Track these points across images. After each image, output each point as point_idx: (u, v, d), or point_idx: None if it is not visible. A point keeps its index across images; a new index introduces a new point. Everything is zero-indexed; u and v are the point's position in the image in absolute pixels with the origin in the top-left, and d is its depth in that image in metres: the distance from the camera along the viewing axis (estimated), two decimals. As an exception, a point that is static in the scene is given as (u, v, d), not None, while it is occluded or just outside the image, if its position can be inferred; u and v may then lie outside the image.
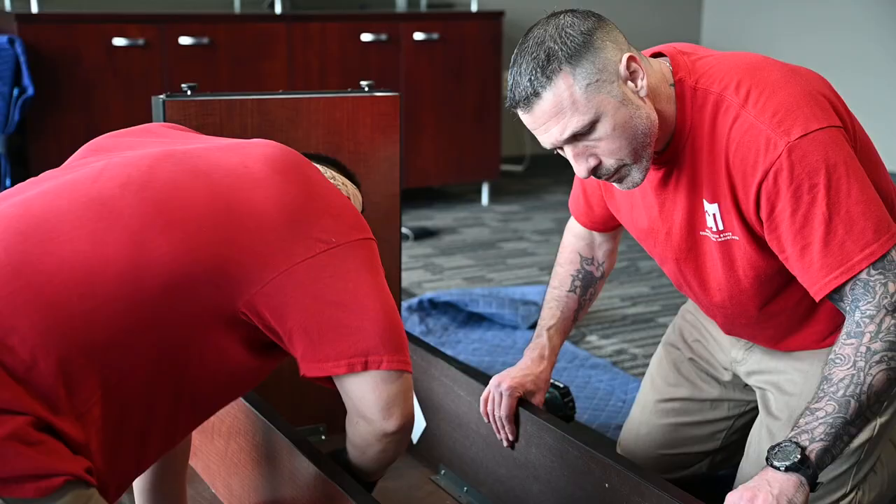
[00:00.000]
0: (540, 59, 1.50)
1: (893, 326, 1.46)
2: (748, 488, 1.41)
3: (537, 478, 1.88)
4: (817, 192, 1.50)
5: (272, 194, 1.43)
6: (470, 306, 3.27)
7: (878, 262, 1.49)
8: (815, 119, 1.52)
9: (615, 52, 1.52)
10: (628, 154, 1.56)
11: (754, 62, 1.61)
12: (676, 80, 1.61)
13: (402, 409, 1.48)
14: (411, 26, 4.82)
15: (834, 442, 1.43)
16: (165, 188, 1.40)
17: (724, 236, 1.66)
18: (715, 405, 2.06)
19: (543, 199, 5.21)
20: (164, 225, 1.37)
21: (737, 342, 1.96)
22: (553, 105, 1.51)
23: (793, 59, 1.78)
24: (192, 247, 1.36)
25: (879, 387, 1.44)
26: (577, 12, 1.55)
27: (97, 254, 1.33)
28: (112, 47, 4.18)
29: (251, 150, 1.51)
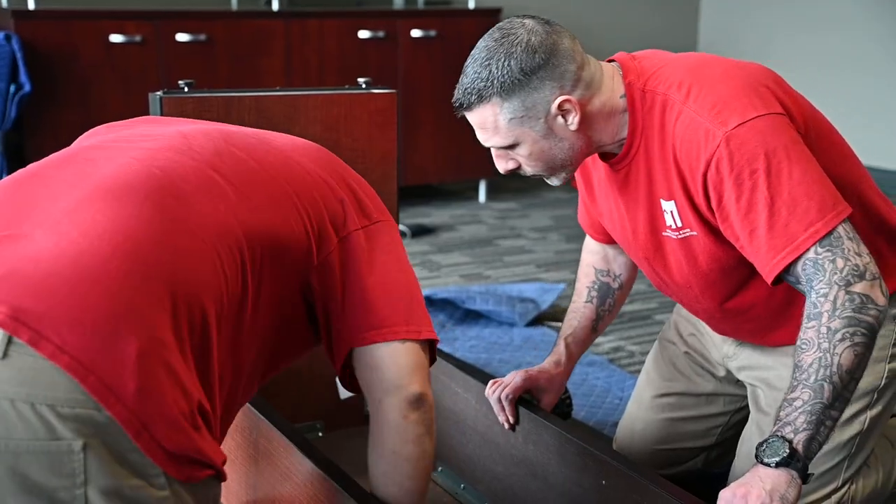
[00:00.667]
0: (480, 77, 1.61)
1: (848, 301, 1.46)
2: (741, 485, 1.41)
3: (535, 475, 1.88)
4: (758, 177, 1.53)
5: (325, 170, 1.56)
6: (467, 303, 3.27)
7: (824, 240, 1.50)
8: (752, 108, 1.56)
9: (552, 91, 1.61)
10: (544, 171, 1.70)
11: (698, 61, 1.67)
12: (626, 84, 1.67)
13: (422, 377, 1.51)
14: (409, 23, 4.81)
15: (817, 429, 1.43)
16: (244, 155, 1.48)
17: (682, 233, 1.70)
18: (710, 400, 2.07)
19: (541, 197, 5.22)
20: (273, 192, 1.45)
21: (726, 337, 1.97)
22: (479, 121, 1.65)
23: (790, 59, 1.81)
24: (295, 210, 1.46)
25: (848, 365, 1.45)
26: (535, 34, 1.61)
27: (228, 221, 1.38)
28: (109, 44, 4.18)
29: (283, 136, 1.62)
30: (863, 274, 1.48)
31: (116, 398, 1.16)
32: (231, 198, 1.39)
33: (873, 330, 1.46)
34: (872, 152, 5.32)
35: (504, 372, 2.80)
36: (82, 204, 1.29)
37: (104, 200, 1.29)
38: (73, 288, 1.18)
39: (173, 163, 1.39)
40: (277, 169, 1.48)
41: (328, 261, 1.48)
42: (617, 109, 1.67)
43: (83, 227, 1.25)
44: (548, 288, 3.47)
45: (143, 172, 1.35)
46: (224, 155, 1.45)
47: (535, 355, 2.96)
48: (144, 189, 1.32)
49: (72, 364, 1.15)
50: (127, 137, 1.48)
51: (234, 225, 1.37)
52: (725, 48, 6.04)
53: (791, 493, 1.40)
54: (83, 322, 1.16)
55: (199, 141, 1.45)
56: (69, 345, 1.15)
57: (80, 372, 1.15)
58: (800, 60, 5.64)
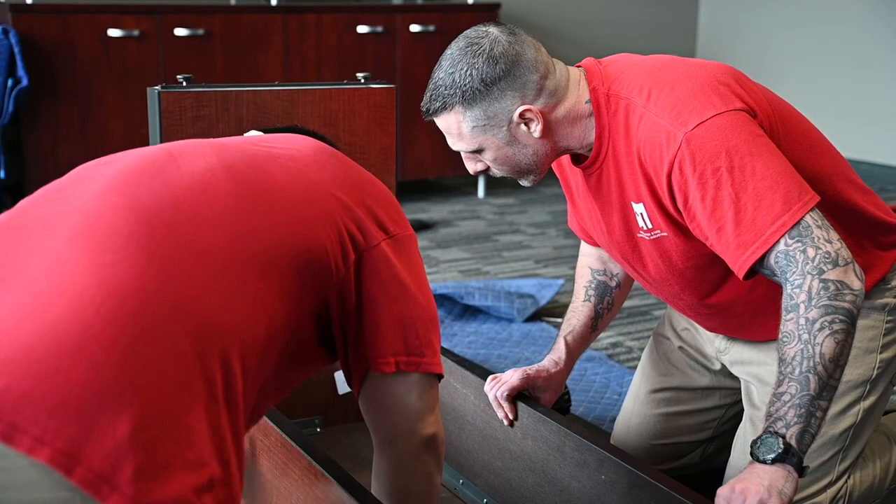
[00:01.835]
0: (444, 85, 1.65)
1: (823, 289, 1.47)
2: (739, 481, 1.41)
3: (533, 470, 1.88)
4: (721, 174, 1.54)
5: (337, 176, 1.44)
6: (465, 299, 3.27)
7: (792, 231, 1.51)
8: (710, 106, 1.57)
9: (513, 101, 1.65)
10: (511, 174, 1.74)
11: (659, 64, 1.70)
12: (591, 89, 1.69)
13: (435, 415, 1.45)
14: (407, 18, 4.81)
15: (808, 421, 1.43)
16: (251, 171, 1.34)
17: (654, 234, 1.72)
18: (706, 394, 2.07)
19: (539, 192, 5.21)
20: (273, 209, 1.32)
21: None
22: (444, 126, 1.70)
23: (790, 55, 1.81)
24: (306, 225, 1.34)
25: (831, 353, 1.45)
26: (498, 43, 1.63)
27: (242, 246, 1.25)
28: (107, 38, 4.17)
29: (295, 141, 1.49)
30: (835, 260, 1.48)
31: (112, 487, 1.00)
32: (232, 216, 1.25)
33: (851, 315, 1.47)
34: (870, 148, 5.32)
35: (503, 367, 2.80)
36: (60, 255, 1.12)
37: (82, 249, 1.13)
38: (51, 365, 1.01)
39: (157, 186, 1.23)
40: (283, 182, 1.34)
41: (346, 279, 1.37)
42: (582, 115, 1.70)
43: (60, 286, 1.08)
44: (546, 283, 3.47)
45: (123, 205, 1.19)
46: (217, 170, 1.29)
47: (534, 351, 2.96)
48: (127, 226, 1.16)
49: (54, 456, 0.99)
50: (105, 165, 1.32)
51: (242, 247, 1.23)
52: (723, 44, 6.04)
53: (788, 488, 1.40)
54: (65, 404, 1.00)
55: (187, 158, 1.30)
56: (50, 434, 0.99)
57: (65, 463, 0.99)
58: (799, 57, 5.64)
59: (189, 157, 1.31)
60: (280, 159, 1.38)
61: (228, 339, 1.16)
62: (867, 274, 1.77)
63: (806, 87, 5.54)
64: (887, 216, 1.83)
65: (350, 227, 1.37)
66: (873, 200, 1.82)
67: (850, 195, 1.77)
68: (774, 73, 5.68)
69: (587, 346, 2.07)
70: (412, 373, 1.40)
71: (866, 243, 1.79)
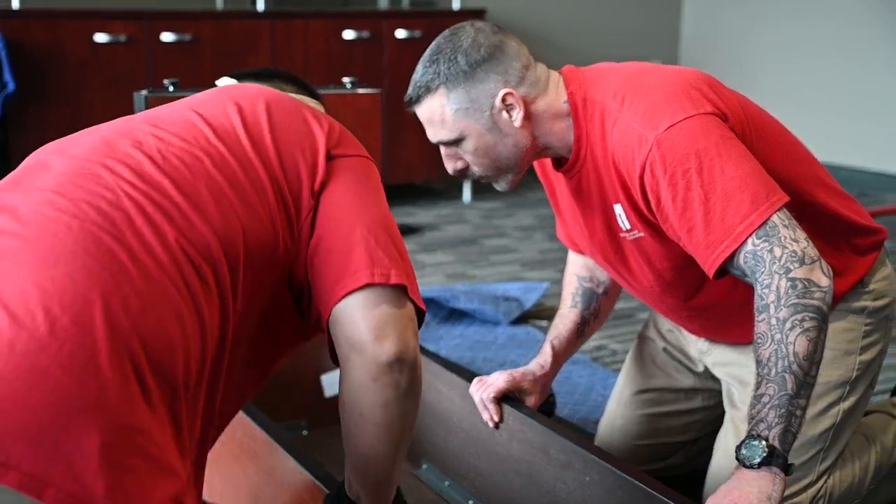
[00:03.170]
0: (428, 72, 1.69)
1: (791, 288, 1.49)
2: (729, 491, 1.43)
3: (518, 472, 1.89)
4: (690, 176, 1.57)
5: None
6: (451, 302, 3.28)
7: (759, 231, 1.53)
8: (681, 110, 1.60)
9: (496, 84, 1.68)
10: (490, 171, 1.75)
11: (635, 70, 1.74)
12: (568, 94, 1.73)
13: (397, 332, 1.25)
14: (394, 24, 4.83)
15: (789, 420, 1.45)
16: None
17: (633, 234, 1.75)
18: (690, 395, 2.09)
19: (525, 196, 5.23)
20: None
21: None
22: (427, 114, 1.72)
23: (772, 63, 1.84)
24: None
25: (804, 351, 1.46)
26: (482, 32, 1.70)
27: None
28: (94, 43, 4.17)
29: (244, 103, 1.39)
30: (801, 259, 1.51)
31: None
32: (180, 210, 1.19)
33: (821, 311, 1.49)
34: (850, 153, 5.35)
35: (488, 370, 2.81)
36: (9, 267, 1.07)
37: (32, 263, 1.08)
38: (9, 389, 0.98)
39: (98, 187, 1.18)
40: (221, 155, 1.27)
41: (300, 240, 1.30)
42: (561, 113, 1.73)
43: (10, 306, 1.03)
44: (532, 287, 3.48)
45: (68, 211, 1.14)
46: (154, 157, 1.23)
47: (520, 354, 2.97)
48: (75, 235, 1.11)
49: (22, 480, 0.96)
50: (43, 160, 1.25)
51: (188, 245, 1.18)
52: (707, 48, 6.07)
53: (777, 491, 1.42)
54: (27, 429, 0.97)
55: (123, 148, 1.24)
56: (16, 457, 0.96)
57: (35, 486, 0.96)
58: (780, 65, 5.67)
59: (125, 145, 1.25)
60: (212, 157, 1.28)
61: (181, 346, 1.13)
62: (844, 276, 1.80)
63: (787, 94, 5.57)
64: (864, 220, 1.85)
65: (292, 188, 1.30)
66: (850, 204, 1.84)
67: (825, 199, 1.79)
68: (756, 80, 5.71)
69: (574, 351, 2.09)
70: (364, 288, 1.25)
71: (843, 246, 1.81)
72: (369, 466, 1.33)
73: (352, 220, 1.31)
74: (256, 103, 1.38)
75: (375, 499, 1.38)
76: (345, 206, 1.32)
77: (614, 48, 5.82)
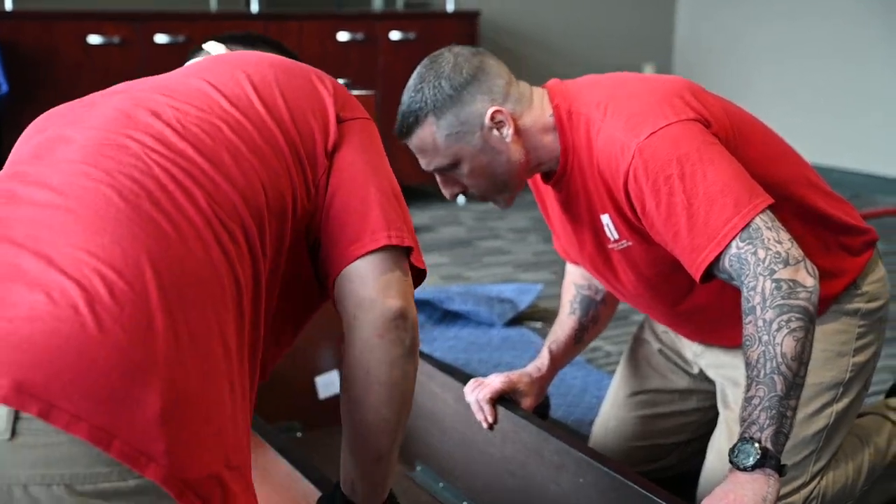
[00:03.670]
0: (415, 101, 1.71)
1: (775, 289, 1.50)
2: (725, 493, 1.43)
3: (513, 473, 1.89)
4: (673, 182, 1.59)
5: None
6: (446, 304, 3.28)
7: (743, 233, 1.55)
8: (663, 117, 1.63)
9: (483, 104, 1.70)
10: (488, 190, 1.78)
11: (618, 80, 1.77)
12: (553, 107, 1.75)
13: (401, 291, 1.30)
14: (388, 25, 4.83)
15: (781, 421, 1.46)
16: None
17: (620, 244, 1.77)
18: (684, 396, 2.10)
19: (520, 198, 5.20)
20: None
21: None
22: (419, 144, 1.74)
23: (766, 66, 1.85)
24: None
25: (792, 352, 1.47)
26: (461, 56, 1.72)
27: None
28: (88, 45, 4.17)
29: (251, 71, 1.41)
30: (785, 260, 1.52)
31: (148, 458, 1.02)
32: (206, 175, 1.22)
33: (807, 312, 1.49)
34: (844, 155, 5.36)
35: (483, 372, 2.81)
36: (57, 239, 1.11)
37: (80, 232, 1.12)
38: (78, 347, 1.03)
39: (128, 157, 1.20)
40: (237, 120, 1.30)
41: (316, 198, 1.34)
42: (548, 126, 1.75)
43: (69, 271, 1.08)
44: (526, 288, 3.49)
45: (103, 182, 1.17)
46: (174, 125, 1.26)
47: (514, 355, 2.97)
48: (115, 204, 1.15)
49: (92, 431, 1.00)
50: (66, 132, 1.28)
51: (219, 208, 1.21)
52: (702, 45, 6.07)
53: (772, 493, 1.43)
54: (97, 383, 1.02)
55: (144, 118, 1.26)
56: (85, 410, 1.00)
57: (103, 438, 1.01)
58: (775, 68, 5.68)
59: (145, 115, 1.27)
60: (228, 123, 1.30)
61: (220, 304, 1.16)
62: (837, 277, 1.81)
63: (782, 95, 5.58)
64: (855, 221, 1.86)
65: (307, 150, 1.33)
66: (839, 205, 1.85)
67: (814, 201, 1.80)
68: (750, 83, 5.72)
69: (572, 356, 2.11)
70: (375, 251, 1.30)
71: (834, 247, 1.82)
72: (370, 437, 1.33)
73: (366, 181, 1.36)
74: (264, 69, 1.41)
75: (371, 482, 1.37)
76: (357, 167, 1.36)
77: (608, 49, 5.83)
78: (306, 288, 1.40)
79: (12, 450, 1.00)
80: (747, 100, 1.85)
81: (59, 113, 1.37)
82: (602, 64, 5.91)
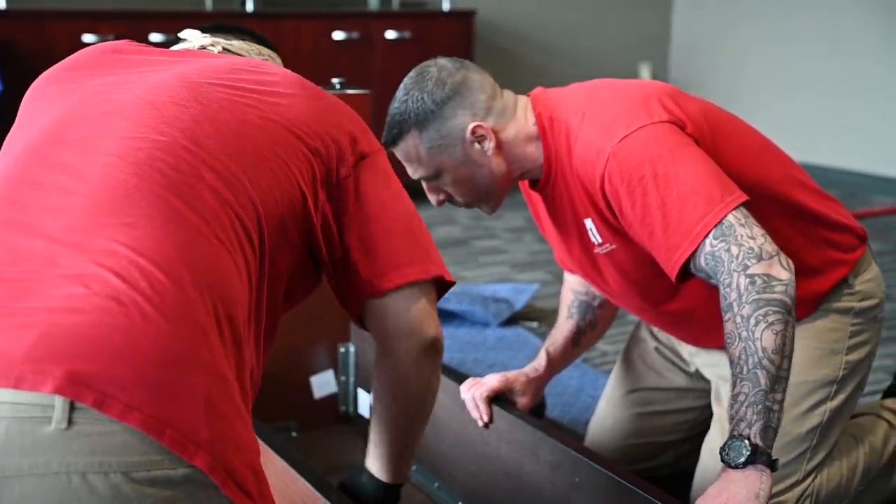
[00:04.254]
0: (399, 112, 1.75)
1: (749, 284, 1.51)
2: (718, 492, 1.43)
3: (508, 473, 1.89)
4: (646, 183, 1.61)
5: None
6: (441, 304, 3.27)
7: (716, 230, 1.56)
8: (636, 120, 1.65)
9: (464, 118, 1.74)
10: (472, 199, 1.82)
11: (597, 87, 1.80)
12: (536, 115, 1.78)
13: (434, 321, 1.45)
14: (384, 24, 4.82)
15: (768, 416, 1.46)
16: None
17: (605, 248, 1.80)
18: (680, 395, 2.10)
19: (515, 198, 5.20)
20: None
21: None
22: (404, 154, 1.78)
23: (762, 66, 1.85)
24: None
25: (772, 345, 1.47)
26: (444, 70, 1.75)
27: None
28: (83, 44, 4.16)
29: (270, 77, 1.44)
30: (759, 255, 1.53)
31: (197, 446, 1.05)
32: (224, 175, 1.24)
33: (784, 304, 1.50)
34: (837, 154, 5.36)
35: (478, 371, 2.81)
36: (90, 230, 1.13)
37: (112, 224, 1.14)
38: (125, 337, 1.05)
39: (158, 151, 1.22)
40: (254, 130, 1.31)
41: (325, 212, 1.38)
42: (531, 136, 1.78)
43: (106, 263, 1.10)
44: (522, 288, 3.49)
45: (133, 171, 1.19)
46: (202, 121, 1.28)
47: (510, 355, 2.97)
48: (146, 197, 1.17)
49: (145, 420, 1.03)
50: (91, 119, 1.29)
51: (238, 206, 1.24)
52: (698, 45, 6.08)
53: (764, 489, 1.43)
54: (146, 372, 1.04)
55: (171, 111, 1.28)
56: (137, 400, 1.03)
57: (156, 427, 1.03)
58: (772, 55, 5.68)
59: (172, 110, 1.29)
60: (253, 105, 1.34)
61: (237, 298, 1.19)
62: (826, 274, 1.82)
63: (777, 96, 5.59)
64: (844, 219, 1.87)
65: (322, 163, 1.36)
66: (828, 203, 1.86)
67: (801, 198, 1.81)
68: (745, 83, 5.73)
69: (570, 359, 2.14)
70: (407, 284, 1.40)
71: (823, 245, 1.83)
72: (401, 434, 1.53)
73: (397, 212, 1.42)
74: (291, 83, 1.44)
75: (398, 464, 1.55)
76: (386, 198, 1.41)
77: (604, 49, 5.83)
78: (304, 282, 1.44)
79: (69, 439, 1.02)
80: (742, 100, 1.84)
81: (68, 79, 1.42)
82: (598, 64, 5.92)
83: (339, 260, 1.40)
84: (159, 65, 1.40)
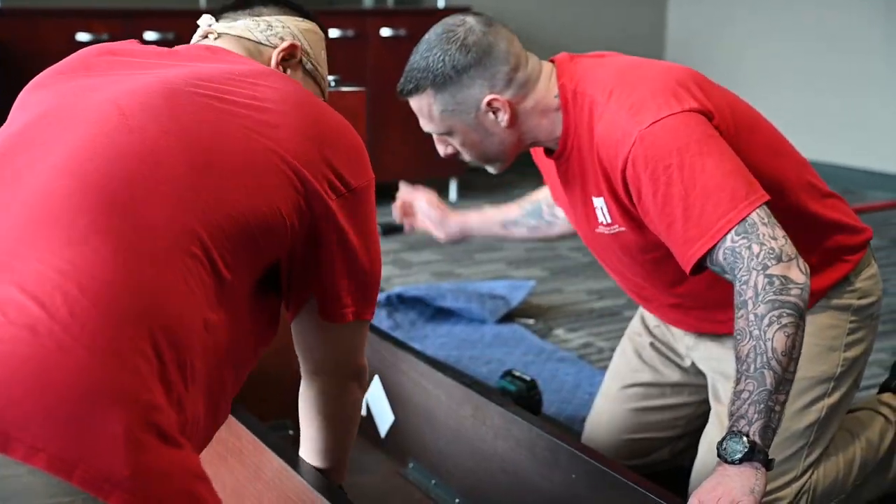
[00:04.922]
0: (419, 68, 1.74)
1: (768, 284, 1.50)
2: (713, 487, 1.44)
3: (505, 470, 1.89)
4: (671, 172, 1.59)
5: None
6: (438, 301, 3.28)
7: (738, 227, 1.55)
8: (666, 106, 1.63)
9: (482, 90, 1.72)
10: (479, 159, 1.82)
11: (625, 65, 1.77)
12: (560, 86, 1.76)
13: (363, 354, 1.53)
14: (378, 22, 4.81)
15: (769, 416, 1.46)
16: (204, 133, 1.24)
17: (612, 229, 1.79)
18: (676, 390, 2.10)
19: (510, 195, 5.20)
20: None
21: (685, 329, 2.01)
22: (417, 108, 1.78)
23: (759, 59, 1.85)
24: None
25: (783, 347, 1.48)
26: (472, 33, 1.72)
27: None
28: (76, 42, 4.15)
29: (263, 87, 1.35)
30: (779, 256, 1.52)
31: (113, 485, 0.98)
32: (180, 190, 1.16)
33: (798, 308, 1.50)
34: (833, 150, 5.37)
35: (475, 368, 2.81)
36: (19, 247, 1.06)
37: (45, 244, 1.06)
38: (36, 371, 0.98)
39: (111, 164, 1.14)
40: (233, 143, 1.23)
41: (296, 242, 1.31)
42: (550, 108, 1.76)
43: (28, 287, 1.03)
44: (518, 285, 3.48)
45: (77, 186, 1.11)
46: (171, 131, 1.20)
47: (506, 351, 2.97)
48: (87, 215, 1.09)
49: (51, 461, 0.96)
50: (52, 124, 1.22)
51: (196, 222, 1.16)
52: (693, 39, 6.08)
53: (759, 485, 1.43)
54: (56, 408, 0.97)
55: (139, 119, 1.20)
56: (43, 440, 0.96)
57: (64, 467, 0.97)
58: (768, 50, 5.68)
59: (140, 116, 1.21)
60: (238, 118, 1.26)
61: (180, 323, 1.12)
62: (827, 272, 1.82)
63: (773, 90, 5.59)
64: (850, 220, 1.87)
65: (305, 189, 1.29)
66: (837, 204, 1.86)
67: (811, 199, 1.81)
68: (742, 78, 5.73)
69: (489, 229, 2.28)
70: (356, 320, 1.43)
71: (828, 245, 1.83)
72: (335, 450, 1.59)
73: (362, 261, 1.40)
74: (286, 103, 1.34)
75: (339, 470, 1.63)
76: (359, 245, 1.39)
77: (599, 45, 5.81)
78: (270, 305, 1.39)
79: None
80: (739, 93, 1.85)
81: (62, 85, 1.36)
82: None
83: (298, 274, 1.36)
84: (149, 67, 1.34)
